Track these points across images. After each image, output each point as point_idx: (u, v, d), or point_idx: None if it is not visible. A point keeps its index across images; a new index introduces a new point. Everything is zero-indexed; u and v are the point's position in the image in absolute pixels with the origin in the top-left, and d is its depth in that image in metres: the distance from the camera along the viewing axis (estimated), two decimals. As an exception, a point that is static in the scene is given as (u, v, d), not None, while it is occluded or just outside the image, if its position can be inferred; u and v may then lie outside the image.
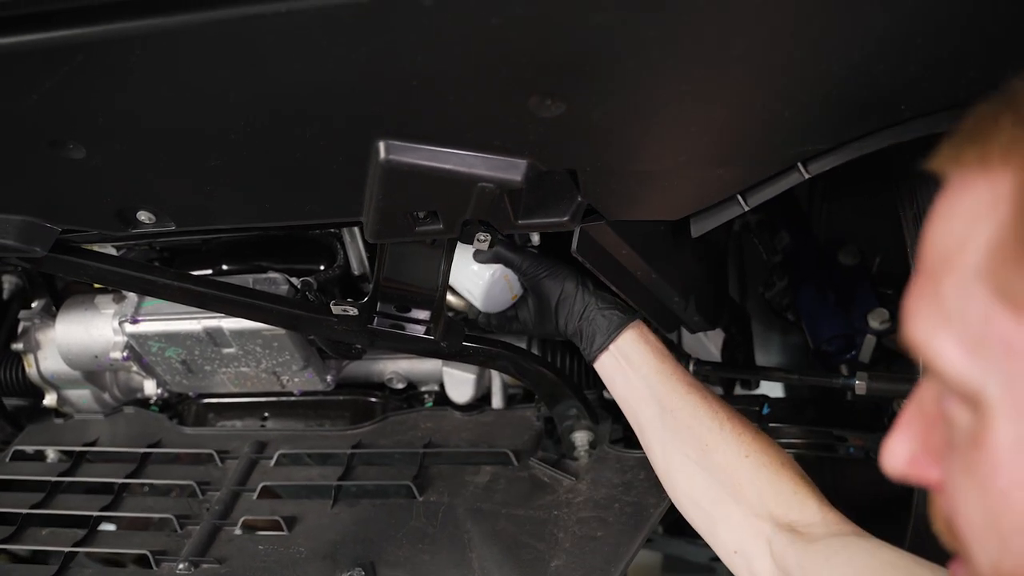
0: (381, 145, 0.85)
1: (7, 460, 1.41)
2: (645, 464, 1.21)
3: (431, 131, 0.84)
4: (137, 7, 0.71)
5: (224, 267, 1.32)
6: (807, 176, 0.88)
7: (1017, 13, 0.69)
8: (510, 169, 0.87)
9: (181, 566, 1.16)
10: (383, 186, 0.88)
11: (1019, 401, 0.42)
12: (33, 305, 1.46)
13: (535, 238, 1.14)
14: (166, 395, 1.45)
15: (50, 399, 1.47)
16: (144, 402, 1.50)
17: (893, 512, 1.20)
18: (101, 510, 1.26)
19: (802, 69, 0.76)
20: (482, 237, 1.02)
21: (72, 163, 0.90)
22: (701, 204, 0.96)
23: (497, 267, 1.17)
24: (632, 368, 1.05)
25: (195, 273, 1.31)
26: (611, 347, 1.05)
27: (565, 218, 0.96)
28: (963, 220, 0.45)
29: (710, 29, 0.71)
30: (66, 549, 1.20)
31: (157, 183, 0.96)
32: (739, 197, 0.94)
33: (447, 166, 0.86)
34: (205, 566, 1.16)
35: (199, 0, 0.70)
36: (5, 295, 1.59)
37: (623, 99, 0.79)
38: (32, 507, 1.28)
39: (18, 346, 1.43)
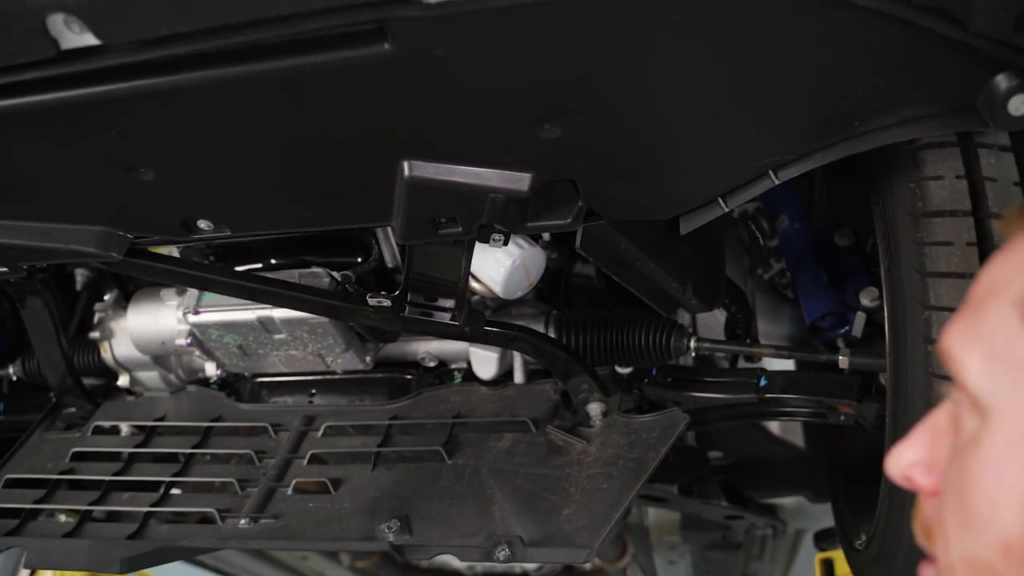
0: (406, 164, 0.99)
1: (88, 434, 1.60)
2: (648, 427, 1.36)
3: (448, 152, 0.98)
4: (197, 61, 0.86)
5: (272, 261, 1.48)
6: (777, 182, 1.01)
7: (941, 48, 0.80)
8: (517, 181, 1.00)
9: (243, 522, 1.33)
10: (408, 197, 1.02)
11: (1020, 413, 0.50)
12: (106, 298, 1.63)
13: (546, 236, 1.27)
14: (224, 375, 1.62)
15: (123, 380, 1.65)
16: (205, 381, 1.66)
17: (877, 470, 1.32)
18: (172, 476, 1.44)
19: (764, 97, 0.88)
20: (497, 237, 1.15)
21: (143, 183, 1.05)
22: (688, 206, 1.09)
23: (517, 254, 1.31)
24: None
25: (246, 267, 1.47)
26: None
27: (568, 220, 1.09)
28: (1014, 264, 0.55)
29: (682, 68, 0.83)
30: (144, 509, 1.38)
31: (215, 199, 1.11)
32: (720, 200, 1.06)
33: (462, 180, 1.00)
34: (263, 521, 1.34)
35: (251, 54, 0.84)
36: (77, 286, 1.77)
37: (610, 123, 0.92)
38: (114, 475, 1.46)
39: (95, 334, 1.61)
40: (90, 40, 0.82)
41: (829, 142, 0.96)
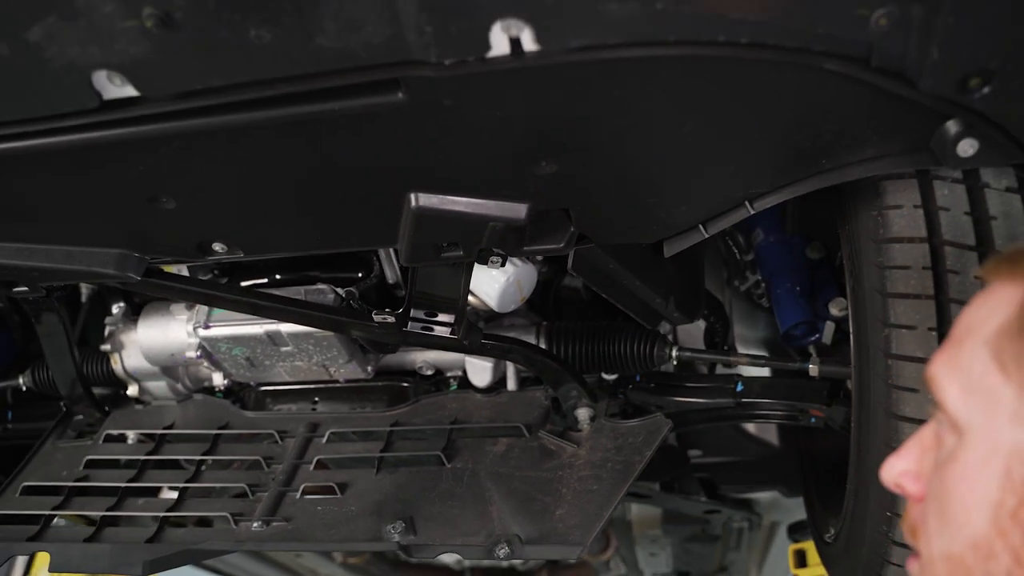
0: (412, 196, 1.07)
1: (100, 442, 1.66)
2: (634, 431, 1.45)
3: (452, 185, 1.06)
4: (224, 107, 0.93)
5: (277, 276, 1.56)
6: (752, 211, 1.11)
7: (899, 101, 0.89)
8: (515, 211, 1.09)
9: (255, 524, 1.41)
10: (414, 225, 1.11)
11: (989, 434, 0.61)
12: (114, 310, 1.70)
13: (539, 259, 1.36)
14: (230, 384, 1.69)
15: (132, 390, 1.72)
16: (210, 390, 1.74)
17: (846, 472, 1.42)
18: (185, 482, 1.52)
19: (741, 140, 0.98)
20: (495, 259, 1.24)
21: (164, 212, 1.13)
22: (672, 231, 1.18)
23: (512, 272, 1.40)
24: None
25: (251, 282, 1.55)
26: None
27: (561, 244, 1.18)
28: (989, 307, 0.65)
29: (668, 116, 0.93)
30: (161, 514, 1.46)
31: (231, 225, 1.19)
32: (701, 226, 1.16)
33: (464, 210, 1.09)
34: (275, 524, 1.42)
35: (274, 101, 0.92)
36: (83, 299, 1.84)
37: (602, 162, 1.01)
38: (129, 481, 1.54)
39: (106, 347, 1.68)
40: (130, 92, 0.89)
41: (800, 177, 1.06)
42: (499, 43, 0.81)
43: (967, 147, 0.93)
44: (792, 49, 0.81)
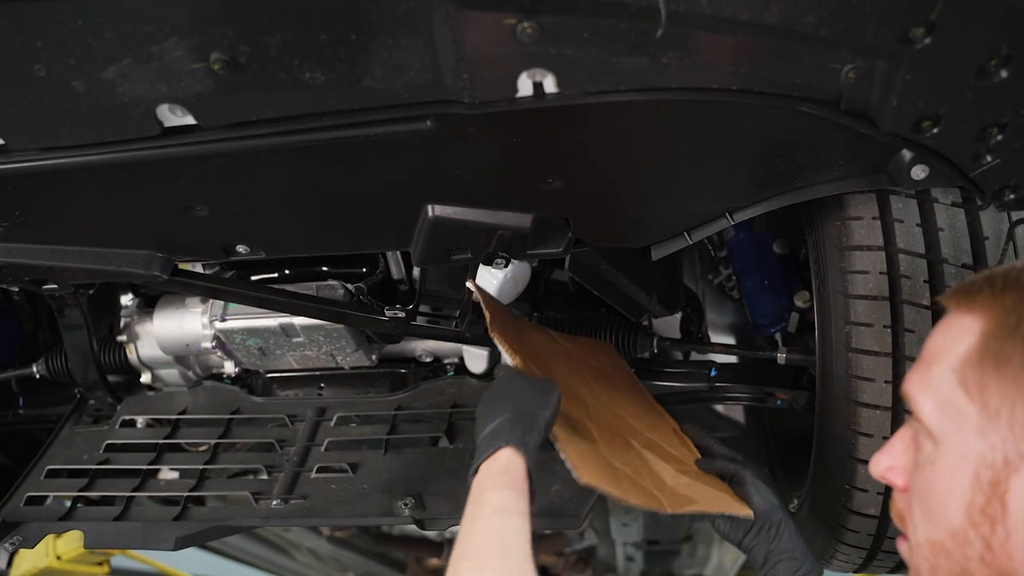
0: (429, 207, 1.19)
1: (116, 427, 1.76)
2: (621, 415, 1.59)
3: (466, 198, 1.18)
4: (262, 133, 1.04)
5: (286, 271, 1.66)
6: (733, 223, 1.24)
7: (863, 135, 1.03)
8: (522, 220, 1.22)
9: (275, 502, 1.53)
10: (429, 232, 1.23)
11: (959, 445, 0.74)
12: (125, 302, 1.78)
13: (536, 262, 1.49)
14: (239, 371, 1.80)
15: (146, 377, 1.81)
16: (218, 376, 1.84)
17: (807, 446, 1.58)
18: (205, 464, 1.62)
19: (725, 164, 1.11)
20: (499, 261, 1.37)
21: (197, 218, 1.23)
22: (659, 238, 1.32)
23: (508, 269, 1.53)
24: None
25: (261, 277, 1.65)
26: None
27: (560, 249, 1.31)
28: (952, 335, 0.78)
29: (664, 144, 1.06)
30: (184, 494, 1.57)
31: (258, 230, 1.30)
32: (685, 234, 1.30)
33: (476, 219, 1.21)
34: (293, 502, 1.54)
35: (314, 127, 1.03)
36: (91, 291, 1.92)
37: (602, 179, 1.14)
38: (150, 464, 1.64)
39: (122, 337, 1.77)
40: (189, 121, 1.00)
41: (775, 193, 1.20)
42: (524, 87, 0.93)
43: (919, 171, 1.08)
44: (774, 95, 0.95)
